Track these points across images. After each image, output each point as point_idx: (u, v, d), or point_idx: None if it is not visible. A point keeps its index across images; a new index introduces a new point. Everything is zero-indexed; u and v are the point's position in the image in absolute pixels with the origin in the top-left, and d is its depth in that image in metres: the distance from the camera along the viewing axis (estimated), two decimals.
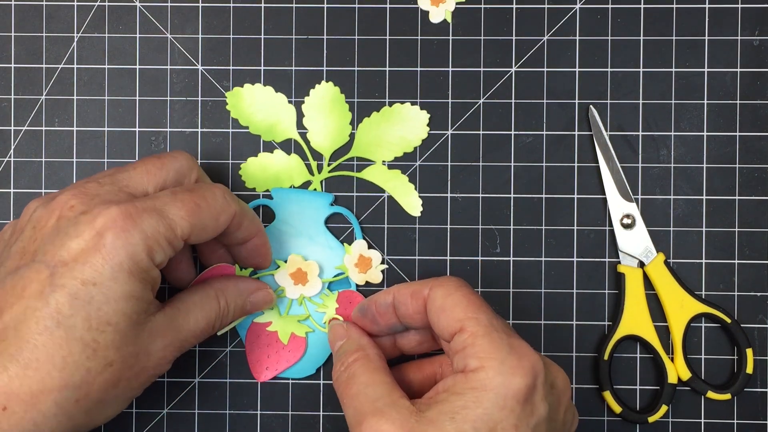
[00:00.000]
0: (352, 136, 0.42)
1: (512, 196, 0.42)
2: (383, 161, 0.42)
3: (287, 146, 0.42)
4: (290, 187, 0.41)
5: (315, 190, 0.41)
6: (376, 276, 0.41)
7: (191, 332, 0.35)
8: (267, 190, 0.42)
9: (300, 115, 0.42)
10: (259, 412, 0.42)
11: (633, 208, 0.41)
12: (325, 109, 0.42)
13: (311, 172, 0.42)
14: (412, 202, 0.42)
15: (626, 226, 0.41)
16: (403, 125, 0.42)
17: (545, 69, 0.42)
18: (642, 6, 0.42)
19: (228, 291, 0.37)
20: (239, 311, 0.38)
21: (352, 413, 0.32)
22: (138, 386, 0.34)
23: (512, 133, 0.42)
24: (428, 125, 0.42)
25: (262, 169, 0.42)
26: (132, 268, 0.31)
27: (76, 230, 0.31)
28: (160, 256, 0.32)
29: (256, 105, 0.42)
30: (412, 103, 0.42)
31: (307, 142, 0.42)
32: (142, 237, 0.31)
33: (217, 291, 0.37)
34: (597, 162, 0.41)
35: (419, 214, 0.42)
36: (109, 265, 0.31)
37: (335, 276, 0.41)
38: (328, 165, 0.42)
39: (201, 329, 0.36)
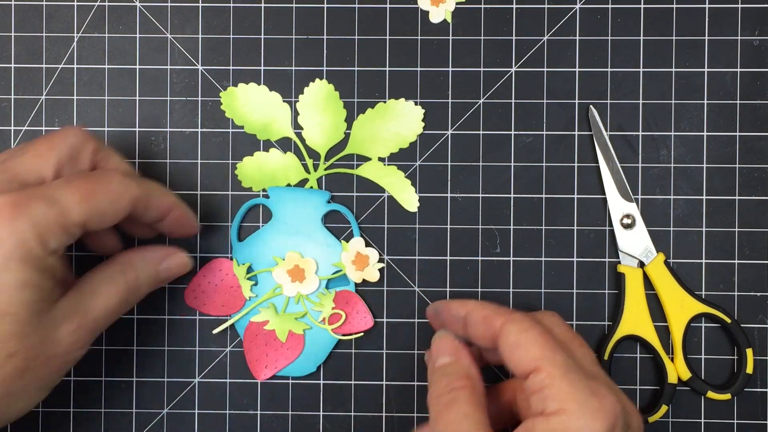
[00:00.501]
0: (347, 133, 0.42)
1: (512, 196, 0.42)
2: (379, 157, 0.42)
3: (283, 145, 0.42)
4: (287, 185, 0.42)
5: (312, 188, 0.42)
6: (373, 274, 0.41)
7: (101, 311, 0.34)
8: (264, 189, 0.42)
9: (295, 114, 0.42)
10: (259, 412, 0.42)
11: (633, 208, 0.41)
12: (320, 106, 0.42)
13: (307, 171, 0.42)
14: (408, 198, 0.42)
15: (626, 226, 0.41)
16: (398, 121, 0.42)
17: (545, 69, 0.42)
18: (642, 6, 0.42)
19: (135, 263, 0.37)
20: (153, 281, 0.37)
21: (438, 412, 0.32)
22: (49, 375, 0.33)
23: (512, 133, 0.42)
24: (424, 121, 0.42)
25: (258, 168, 0.42)
26: (23, 256, 0.31)
27: None
28: (54, 243, 0.32)
29: (251, 104, 0.42)
30: (413, 104, 0.42)
31: (303, 141, 0.42)
32: (30, 224, 0.31)
33: (124, 265, 0.36)
34: (597, 162, 0.41)
35: (416, 210, 0.42)
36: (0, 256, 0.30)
37: (333, 273, 0.41)
38: (324, 163, 0.42)
39: (111, 307, 0.35)
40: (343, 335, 0.41)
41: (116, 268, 0.36)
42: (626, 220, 0.41)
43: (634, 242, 0.41)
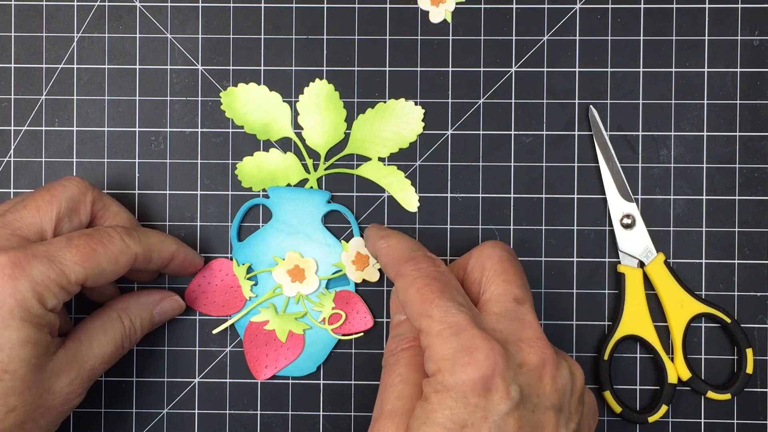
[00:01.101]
0: (347, 133, 0.42)
1: (512, 196, 0.42)
2: (379, 157, 0.42)
3: (283, 145, 0.42)
4: (287, 185, 0.42)
5: (312, 188, 0.42)
6: (373, 274, 0.41)
7: (98, 359, 0.35)
8: (264, 189, 0.42)
9: (295, 114, 0.42)
10: (259, 412, 0.42)
11: (633, 208, 0.41)
12: (320, 106, 0.42)
13: (307, 171, 0.42)
14: (408, 198, 0.42)
15: (626, 226, 0.41)
16: (398, 121, 0.42)
17: (545, 69, 0.42)
18: (642, 6, 0.42)
19: (131, 308, 0.38)
20: (147, 325, 0.38)
21: (380, 400, 0.33)
22: (47, 425, 0.34)
23: (512, 133, 0.42)
24: (424, 121, 0.42)
25: (258, 168, 0.42)
26: (23, 315, 0.31)
27: None
28: (52, 301, 0.32)
29: (251, 104, 0.42)
30: (413, 104, 0.42)
31: (303, 141, 0.42)
32: (31, 284, 0.31)
33: (119, 311, 0.37)
34: (597, 162, 0.41)
35: (416, 210, 0.42)
36: (0, 315, 0.31)
37: (333, 273, 0.41)
38: (324, 163, 0.42)
39: (108, 354, 0.36)
40: (343, 335, 0.41)
41: (112, 315, 0.37)
42: (626, 220, 0.41)
43: (634, 242, 0.41)
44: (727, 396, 0.40)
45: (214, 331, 0.41)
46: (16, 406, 0.32)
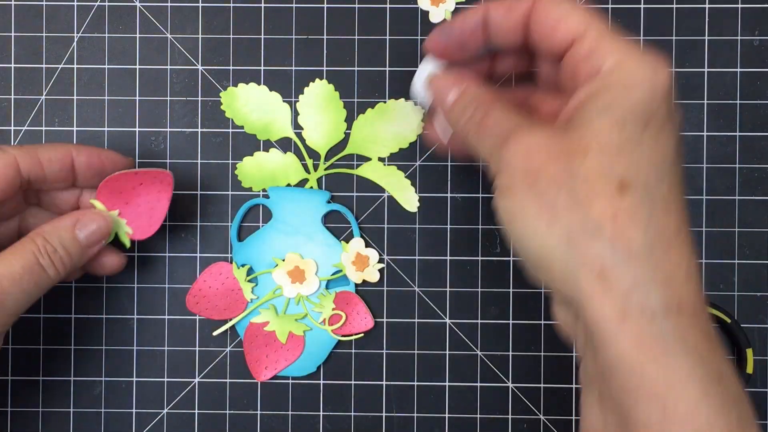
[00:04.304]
0: (347, 133, 0.42)
1: None
2: (379, 157, 0.42)
3: (283, 145, 0.42)
4: (287, 185, 0.42)
5: (312, 188, 0.42)
6: (373, 274, 0.41)
7: (4, 276, 0.33)
8: (264, 189, 0.42)
9: (295, 114, 0.42)
10: (259, 412, 0.42)
11: None
12: (320, 106, 0.42)
13: (307, 171, 0.42)
14: (408, 198, 0.42)
15: None
16: (398, 121, 0.42)
17: None
18: (642, 6, 0.42)
19: (43, 229, 0.35)
20: (73, 245, 0.36)
21: (493, 139, 0.30)
22: None
23: None
24: (423, 121, 0.42)
25: (259, 168, 0.42)
26: None
27: None
28: None
29: (251, 104, 0.42)
30: (413, 104, 0.42)
31: (303, 141, 0.42)
32: None
33: (32, 233, 0.35)
34: None
35: (416, 210, 0.42)
36: None
37: (333, 274, 0.41)
38: (324, 163, 0.42)
39: (18, 271, 0.33)
40: (344, 336, 0.41)
41: (23, 240, 0.35)
42: None
43: None
44: None
45: (215, 333, 0.41)
46: None
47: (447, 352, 0.42)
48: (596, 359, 0.28)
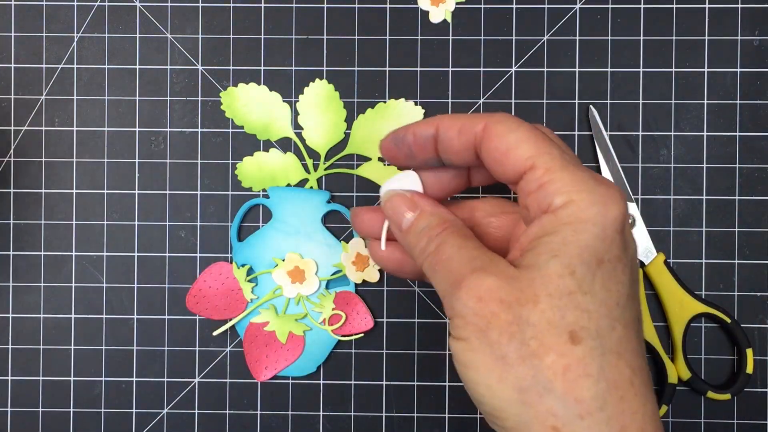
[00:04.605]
0: (347, 133, 0.42)
1: (512, 196, 0.42)
2: (379, 157, 0.42)
3: (283, 145, 0.42)
4: (287, 185, 0.42)
5: (312, 188, 0.42)
6: (373, 274, 0.41)
7: None
8: (264, 189, 0.42)
9: (295, 114, 0.42)
10: (259, 412, 0.42)
11: (633, 208, 0.41)
12: (320, 106, 0.42)
13: (307, 171, 0.42)
14: None
15: None
16: (398, 121, 0.42)
17: (545, 69, 0.42)
18: (642, 6, 0.42)
19: None
20: None
21: (446, 278, 0.29)
22: None
23: None
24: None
25: (259, 168, 0.42)
26: None
27: None
28: None
29: (251, 104, 0.42)
30: (413, 104, 0.42)
31: (303, 141, 0.42)
32: None
33: None
34: (597, 162, 0.41)
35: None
36: None
37: (333, 274, 0.41)
38: (324, 163, 0.42)
39: None
40: (344, 336, 0.41)
41: None
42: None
43: None
44: (727, 396, 0.40)
45: (215, 333, 0.41)
46: None
47: (447, 352, 0.42)
48: None
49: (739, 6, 0.42)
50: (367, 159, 0.42)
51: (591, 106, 0.42)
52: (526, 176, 0.29)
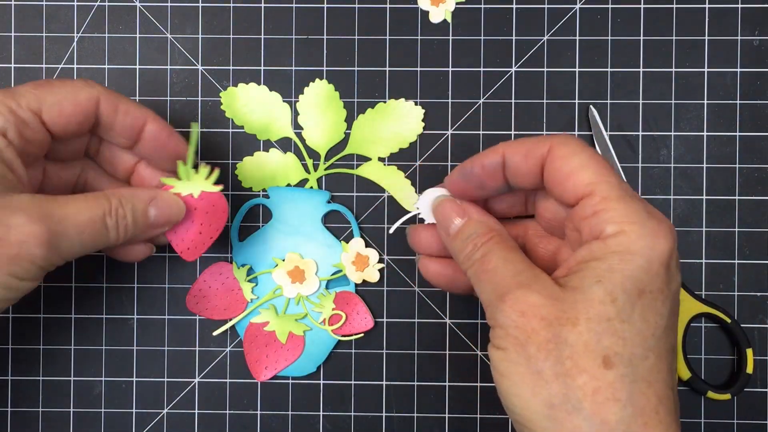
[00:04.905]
0: (347, 133, 0.42)
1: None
2: (379, 157, 0.42)
3: (283, 145, 0.42)
4: (287, 185, 0.42)
5: (312, 188, 0.42)
6: (373, 274, 0.41)
7: (69, 220, 0.32)
8: (264, 189, 0.42)
9: (295, 114, 0.42)
10: (259, 412, 0.42)
11: None
12: (320, 106, 0.42)
13: (307, 171, 0.42)
14: (408, 198, 0.42)
15: None
16: (398, 121, 0.42)
17: (545, 69, 0.42)
18: (642, 6, 0.42)
19: (122, 193, 0.35)
20: (141, 218, 0.35)
21: (491, 288, 0.30)
22: (1, 262, 0.31)
23: (512, 133, 0.42)
24: (424, 121, 0.42)
25: (259, 168, 0.42)
26: None
27: None
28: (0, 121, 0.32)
29: (251, 104, 0.42)
30: (413, 104, 0.42)
31: (303, 141, 0.42)
32: None
33: (108, 193, 0.34)
34: None
35: (416, 210, 0.42)
36: None
37: (333, 274, 0.41)
38: (324, 163, 0.42)
39: (83, 221, 0.33)
40: (344, 336, 0.41)
41: (99, 194, 0.34)
42: None
43: None
44: (727, 396, 0.40)
45: (215, 333, 0.41)
46: None
47: (447, 352, 0.42)
48: None
49: (739, 6, 0.42)
50: (367, 159, 0.42)
51: (591, 106, 0.42)
52: (584, 201, 0.30)
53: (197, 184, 0.37)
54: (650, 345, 0.28)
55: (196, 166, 0.37)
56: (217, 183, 0.37)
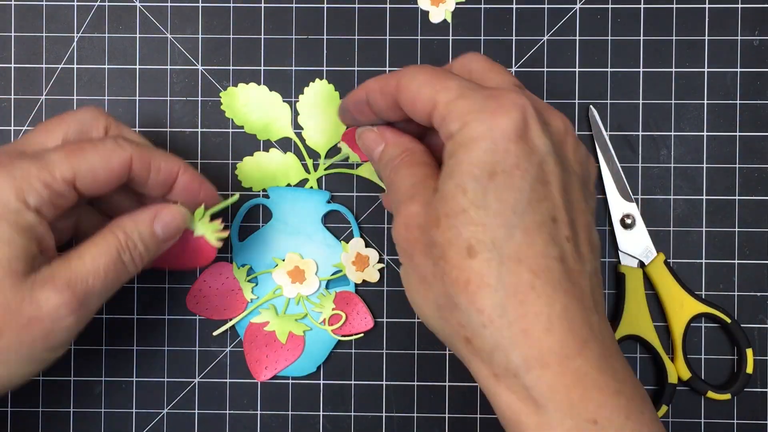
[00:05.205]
0: None
1: None
2: None
3: (283, 145, 0.42)
4: (287, 185, 0.42)
5: (312, 188, 0.42)
6: (373, 274, 0.41)
7: (90, 273, 0.32)
8: (264, 189, 0.42)
9: (295, 114, 0.42)
10: (259, 412, 0.42)
11: (633, 208, 0.41)
12: (320, 106, 0.42)
13: (307, 171, 0.42)
14: None
15: (626, 226, 0.41)
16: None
17: (545, 69, 0.42)
18: (642, 6, 0.42)
19: (124, 223, 0.34)
20: (150, 240, 0.35)
21: (394, 207, 0.32)
22: (33, 342, 0.31)
23: None
24: None
25: (259, 168, 0.42)
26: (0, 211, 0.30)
27: None
28: (34, 198, 0.31)
29: (251, 104, 0.42)
30: None
31: (303, 141, 0.42)
32: (10, 179, 0.31)
33: (112, 228, 0.34)
34: (597, 162, 0.41)
35: None
36: None
37: (333, 274, 0.41)
38: (324, 162, 0.42)
39: (103, 267, 0.33)
40: (344, 336, 0.41)
41: (105, 231, 0.34)
42: (626, 220, 0.41)
43: (634, 242, 0.41)
44: (727, 396, 0.40)
45: (215, 333, 0.41)
46: None
47: (447, 352, 0.42)
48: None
49: (739, 6, 0.42)
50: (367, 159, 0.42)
51: (591, 106, 0.42)
52: (433, 115, 0.30)
53: (203, 229, 0.37)
54: (513, 223, 0.27)
55: (213, 217, 0.37)
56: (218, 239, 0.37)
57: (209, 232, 0.37)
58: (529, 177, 0.28)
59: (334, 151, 0.42)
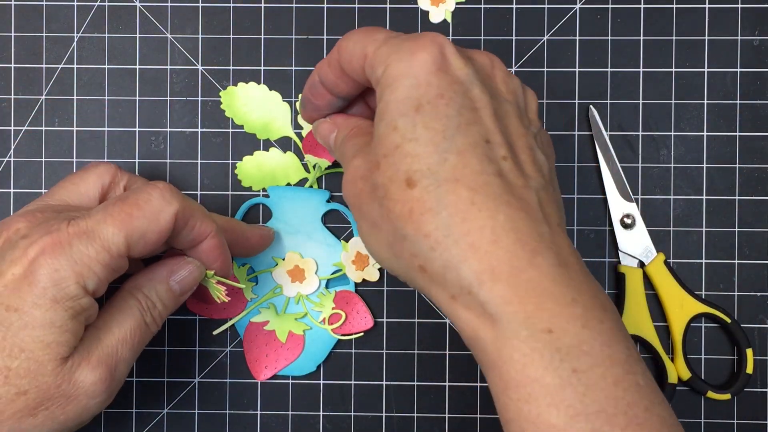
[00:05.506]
0: None
1: None
2: None
3: (283, 144, 0.42)
4: (287, 185, 0.42)
5: (311, 187, 0.42)
6: (373, 274, 0.41)
7: (119, 342, 0.33)
8: (264, 189, 0.42)
9: (295, 113, 0.42)
10: (259, 412, 0.42)
11: (633, 208, 0.41)
12: None
13: (307, 170, 0.42)
14: None
15: (626, 226, 0.41)
16: None
17: (545, 69, 0.42)
18: (642, 6, 0.42)
19: (141, 284, 0.35)
20: (168, 297, 0.35)
21: (344, 166, 0.33)
22: (66, 419, 0.32)
23: None
24: None
25: (258, 168, 0.42)
26: (57, 295, 0.30)
27: (12, 255, 0.31)
28: (93, 282, 0.31)
29: (251, 104, 0.42)
30: None
31: (303, 140, 0.42)
32: (71, 263, 0.30)
33: (131, 289, 0.35)
34: (597, 162, 0.41)
35: None
36: (34, 293, 0.30)
37: (333, 273, 0.41)
38: (324, 162, 0.42)
39: (129, 333, 0.33)
40: (343, 335, 0.41)
41: (125, 294, 0.34)
42: (626, 220, 0.41)
43: (634, 242, 0.41)
44: (727, 396, 0.40)
45: (215, 332, 0.41)
46: (28, 389, 0.30)
47: (447, 352, 0.42)
48: None
49: (739, 6, 0.42)
50: None
51: (591, 106, 0.42)
52: (365, 66, 0.31)
53: (207, 286, 0.37)
54: (445, 147, 0.28)
55: (220, 281, 0.37)
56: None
57: (212, 290, 0.37)
58: (454, 104, 0.29)
59: None
